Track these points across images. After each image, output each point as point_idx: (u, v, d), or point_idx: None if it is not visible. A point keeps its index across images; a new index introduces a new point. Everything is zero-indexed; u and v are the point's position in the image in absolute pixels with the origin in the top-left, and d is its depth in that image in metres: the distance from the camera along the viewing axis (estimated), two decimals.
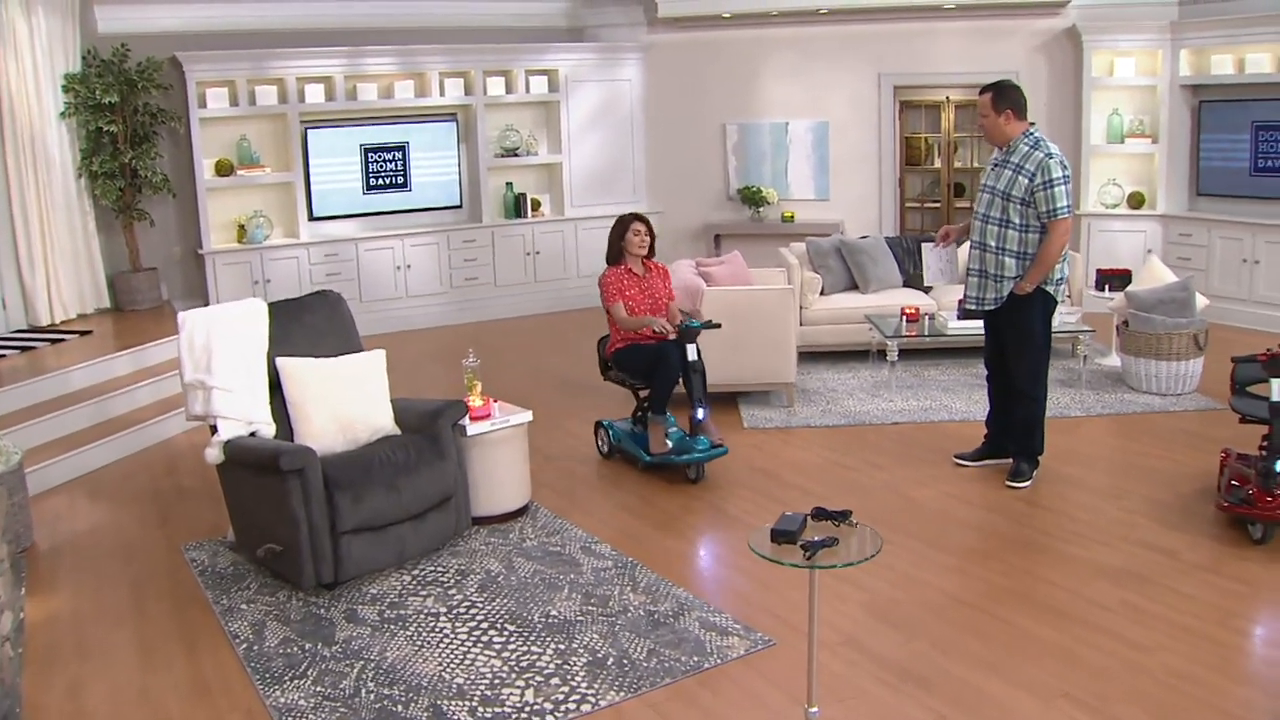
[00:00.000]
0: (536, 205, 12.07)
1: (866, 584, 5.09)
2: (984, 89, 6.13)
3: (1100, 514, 5.89)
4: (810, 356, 9.14)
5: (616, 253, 7.17)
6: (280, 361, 5.65)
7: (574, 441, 7.48)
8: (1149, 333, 7.94)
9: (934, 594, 5.04)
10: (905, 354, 8.77)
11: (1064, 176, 5.91)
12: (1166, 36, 10.60)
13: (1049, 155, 5.95)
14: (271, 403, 5.60)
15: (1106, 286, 8.85)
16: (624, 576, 5.30)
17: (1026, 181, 5.97)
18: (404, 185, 11.50)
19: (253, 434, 5.47)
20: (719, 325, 6.91)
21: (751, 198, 11.96)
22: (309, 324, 5.91)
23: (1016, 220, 6.02)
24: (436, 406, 5.70)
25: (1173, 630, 4.60)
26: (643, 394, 6.96)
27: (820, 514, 3.51)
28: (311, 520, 5.09)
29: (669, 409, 6.74)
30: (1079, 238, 11.11)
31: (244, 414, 5.47)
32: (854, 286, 9.37)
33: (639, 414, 7.00)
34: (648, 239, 7.12)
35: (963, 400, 7.98)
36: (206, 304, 10.45)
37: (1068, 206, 5.93)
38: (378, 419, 5.71)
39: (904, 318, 8.30)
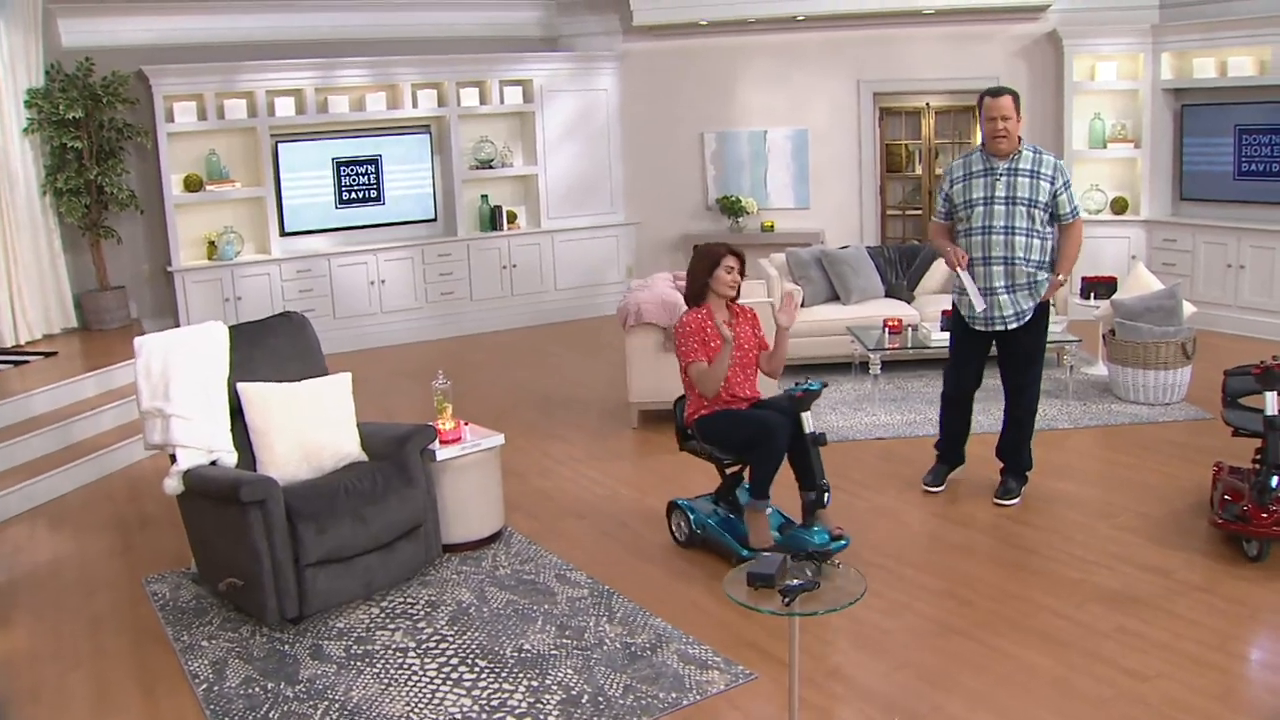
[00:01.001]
0: (512, 218, 11.88)
1: (852, 612, 4.85)
2: (999, 91, 5.88)
3: (1092, 532, 5.72)
4: (791, 370, 8.91)
5: (699, 291, 5.71)
6: (242, 387, 5.44)
7: (550, 463, 7.29)
8: (1136, 341, 7.80)
9: (923, 621, 4.86)
10: (888, 366, 8.60)
11: None
12: (1148, 40, 10.49)
13: (1054, 157, 5.99)
14: (233, 430, 5.39)
15: (1092, 294, 8.72)
16: (600, 606, 5.11)
17: (1048, 185, 5.86)
18: (377, 199, 11.30)
19: (213, 463, 5.25)
20: (825, 384, 5.70)
21: (730, 208, 11.80)
22: (272, 347, 5.71)
23: (1039, 228, 5.89)
24: (404, 431, 5.50)
25: (1170, 656, 4.43)
26: (730, 468, 5.71)
27: (801, 555, 3.33)
28: (274, 553, 4.89)
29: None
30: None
31: (204, 442, 5.25)
32: (835, 298, 9.21)
33: (726, 493, 5.73)
34: (739, 278, 5.71)
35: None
36: (177, 322, 10.31)
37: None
38: (344, 445, 5.51)
39: (886, 329, 8.13)
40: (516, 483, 6.81)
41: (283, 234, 10.88)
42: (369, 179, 11.24)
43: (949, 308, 6.43)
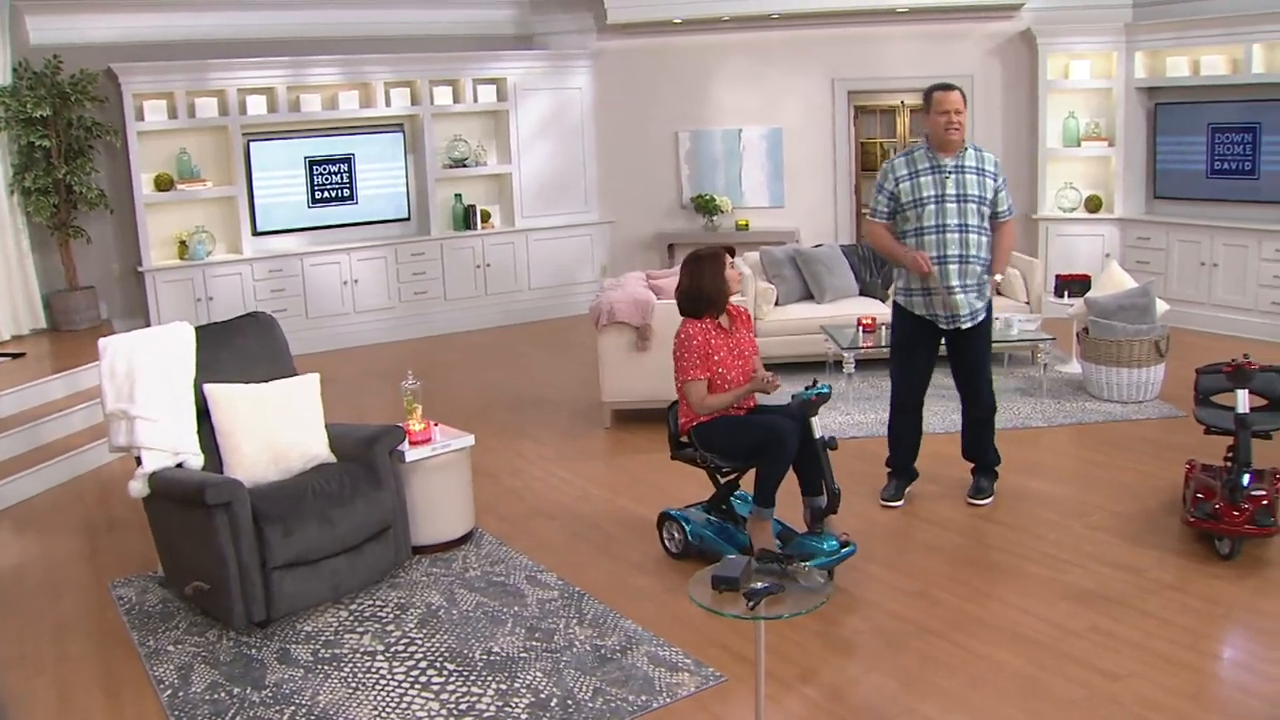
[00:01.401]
0: (486, 217, 11.81)
1: (824, 613, 4.85)
2: (946, 87, 5.80)
3: (1065, 531, 5.71)
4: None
5: (713, 299, 5.35)
6: (208, 388, 5.37)
7: (522, 463, 7.24)
8: (1110, 340, 7.80)
9: (895, 622, 4.83)
10: (862, 364, 8.57)
11: None
12: (1121, 39, 10.50)
13: (993, 155, 5.99)
14: (200, 432, 5.32)
15: (1066, 292, 8.72)
16: (570, 608, 5.07)
17: (992, 183, 5.84)
18: (350, 198, 11.22)
19: (180, 465, 5.19)
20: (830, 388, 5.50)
21: (705, 206, 11.76)
22: (239, 348, 5.64)
23: (985, 225, 5.87)
24: (373, 432, 5.45)
25: (1143, 656, 4.42)
26: (726, 475, 5.53)
27: (765, 556, 3.29)
28: (240, 556, 4.83)
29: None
30: (1036, 241, 10.99)
31: (170, 444, 5.19)
32: (809, 296, 9.18)
33: (720, 502, 5.58)
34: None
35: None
36: (148, 323, 10.19)
37: None
38: (312, 446, 5.45)
39: (860, 328, 8.10)
40: (488, 483, 6.76)
41: (255, 233, 10.79)
42: (342, 178, 11.16)
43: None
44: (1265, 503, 5.18)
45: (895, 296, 6.13)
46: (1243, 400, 5.25)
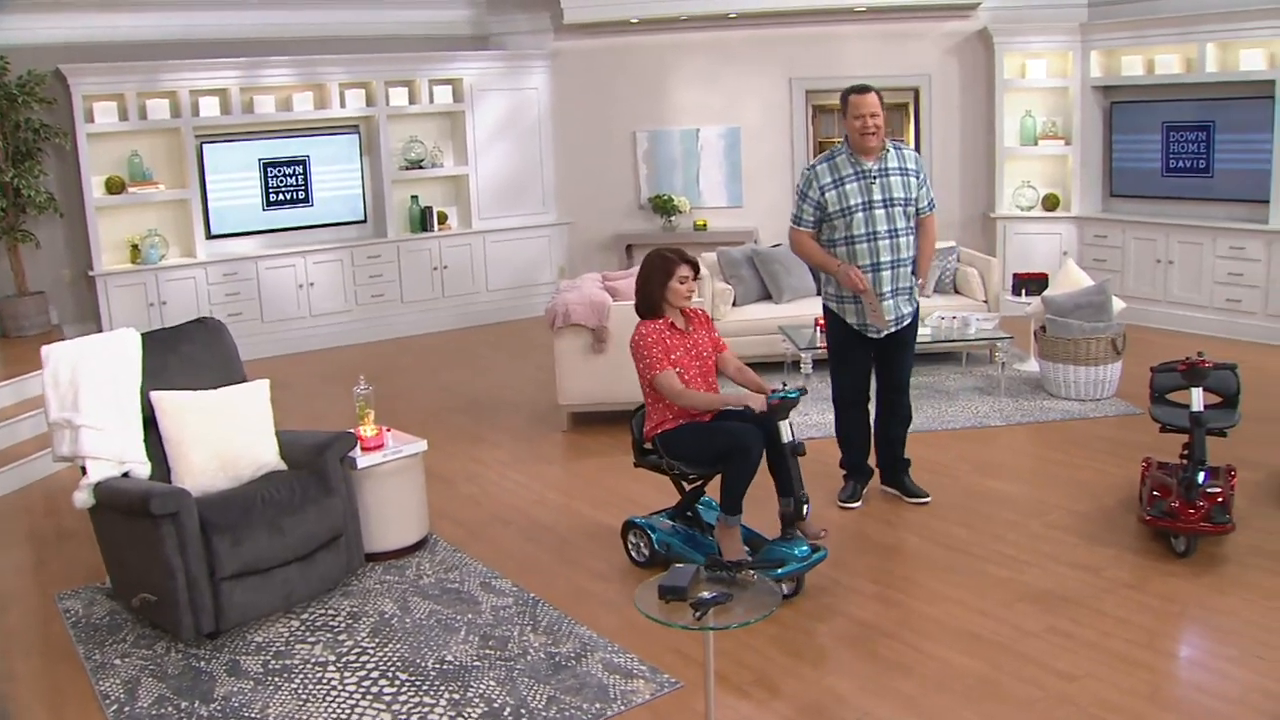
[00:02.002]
0: (443, 218, 11.72)
1: (779, 616, 4.82)
2: (865, 89, 5.71)
3: (1023, 531, 5.70)
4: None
5: (654, 304, 5.36)
6: (155, 395, 5.27)
7: (477, 467, 7.17)
8: (1067, 338, 7.81)
9: (851, 625, 4.80)
10: (820, 364, 8.52)
11: None
12: (1077, 38, 10.54)
13: (912, 150, 5.96)
14: (146, 440, 5.22)
15: (1023, 291, 8.73)
16: (524, 615, 5.00)
17: (915, 180, 5.80)
18: (305, 200, 11.10)
19: (126, 474, 5.09)
20: (804, 391, 5.59)
21: (663, 206, 11.71)
22: (187, 354, 5.54)
23: (911, 226, 5.84)
24: (324, 439, 5.36)
25: (1100, 656, 4.40)
26: (692, 482, 5.45)
27: (714, 564, 3.24)
28: (188, 567, 4.73)
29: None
30: (994, 240, 11.02)
31: (116, 453, 5.08)
32: (767, 297, 9.15)
33: (686, 509, 5.49)
34: (694, 285, 5.40)
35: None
36: (100, 328, 10.05)
37: None
38: (262, 454, 5.36)
39: (818, 328, 8.06)
40: (443, 488, 6.69)
41: (209, 236, 10.64)
42: (297, 180, 11.04)
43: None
44: (1220, 500, 5.18)
45: (826, 300, 6.06)
46: (1197, 398, 5.26)
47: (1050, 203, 10.97)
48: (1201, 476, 5.17)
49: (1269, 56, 9.27)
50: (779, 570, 4.92)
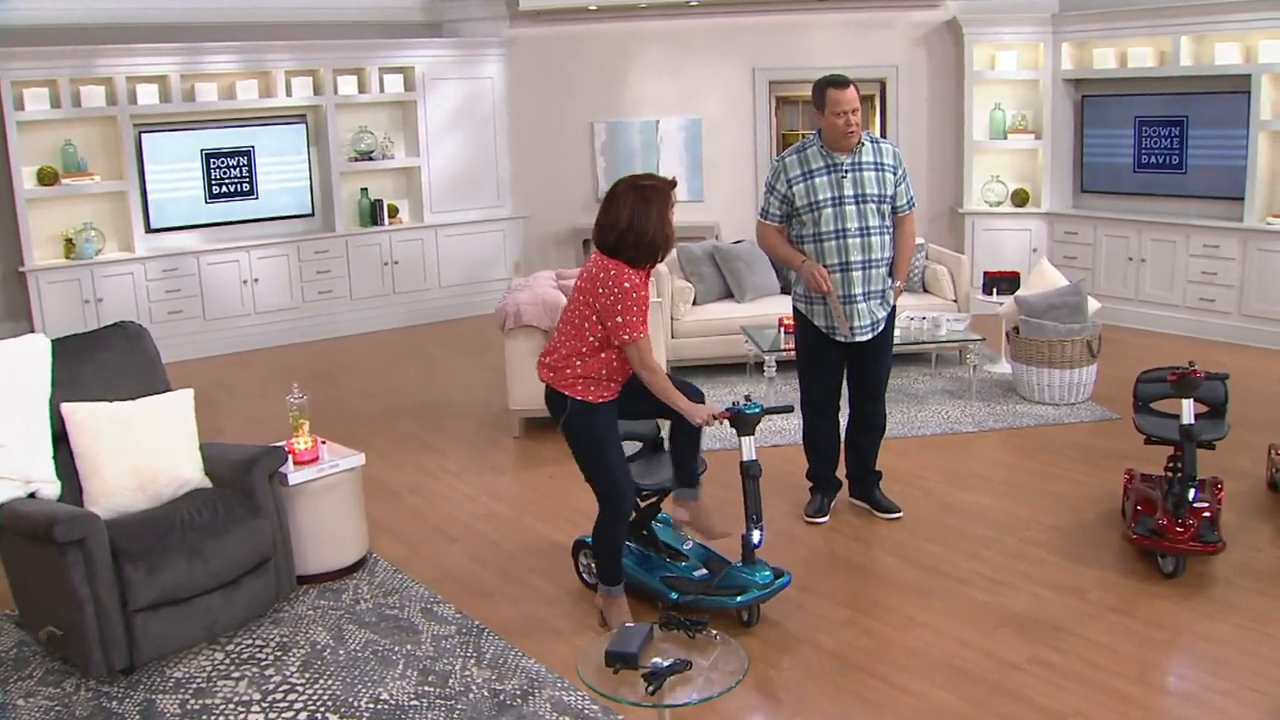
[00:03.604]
0: (394, 212, 11.29)
1: (751, 649, 4.46)
2: (844, 82, 5.32)
3: (1000, 548, 5.37)
4: (683, 371, 8.51)
5: (656, 249, 4.43)
6: (66, 408, 4.84)
7: (423, 477, 6.77)
8: (1041, 339, 7.51)
9: (822, 657, 4.45)
10: (784, 367, 8.19)
11: None
12: (1048, 30, 10.25)
13: (892, 145, 5.55)
14: (56, 457, 4.79)
15: (995, 290, 8.43)
16: (468, 646, 4.62)
17: (892, 177, 5.44)
18: (250, 193, 10.64)
19: (32, 495, 4.66)
20: (790, 408, 5.07)
21: None
22: (103, 362, 5.10)
23: (887, 224, 5.47)
24: (250, 455, 4.95)
25: (1088, 691, 4.09)
26: (646, 499, 4.95)
27: (670, 623, 2.86)
28: (97, 598, 4.32)
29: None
30: (962, 237, 10.74)
31: (20, 472, 4.65)
32: (729, 295, 8.79)
33: (641, 528, 4.98)
34: None
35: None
36: (31, 327, 9.58)
37: None
38: (184, 471, 4.94)
39: (782, 329, 7.73)
40: (387, 501, 6.31)
41: (148, 230, 10.16)
42: (241, 172, 10.58)
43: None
44: (1209, 517, 4.89)
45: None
46: (1188, 411, 4.94)
47: (1020, 198, 10.68)
48: (1192, 493, 4.86)
49: (1244, 50, 9.01)
50: (738, 599, 4.57)
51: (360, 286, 11.09)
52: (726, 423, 4.64)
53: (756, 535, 4.65)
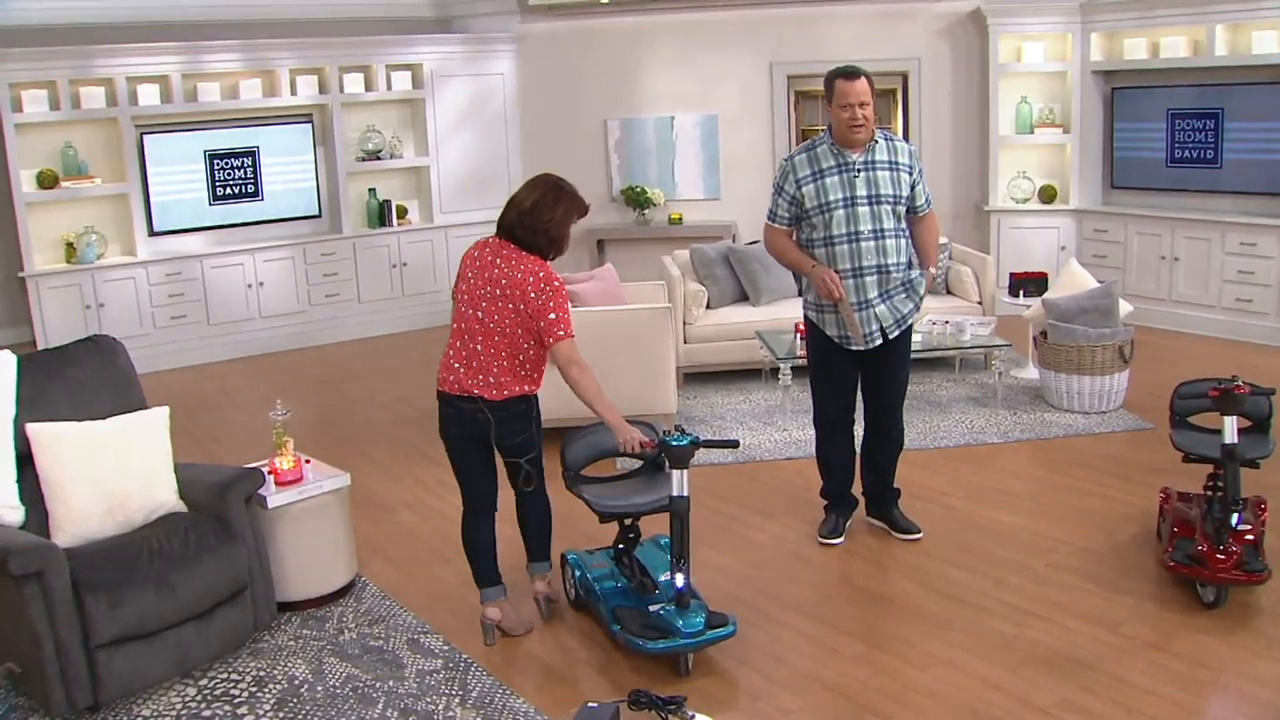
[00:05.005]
0: (403, 213, 11.02)
1: (751, 687, 4.17)
2: (854, 73, 5.01)
3: (1027, 574, 5.02)
4: (696, 378, 8.23)
5: (559, 244, 4.53)
6: (31, 428, 4.56)
7: (422, 491, 6.48)
8: (1070, 345, 7.16)
9: (832, 698, 4.12)
10: (800, 373, 7.86)
11: None
12: (1076, 19, 9.88)
13: (907, 143, 5.25)
14: (21, 480, 4.52)
15: (1021, 292, 8.08)
16: (453, 682, 4.32)
17: (907, 176, 5.12)
18: (255, 194, 10.39)
19: None
20: (736, 444, 4.70)
21: (636, 199, 11.02)
22: (73, 378, 4.82)
23: (902, 226, 5.16)
24: (225, 477, 4.66)
25: None
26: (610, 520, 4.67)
27: (640, 700, 2.55)
28: (57, 633, 4.04)
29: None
30: (988, 235, 10.38)
31: None
32: (744, 298, 8.47)
33: (624, 555, 4.72)
34: None
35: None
36: (33, 332, 9.39)
37: None
38: (157, 494, 4.66)
39: (798, 335, 7.38)
40: (381, 518, 6.03)
41: (151, 234, 9.93)
42: (246, 173, 10.33)
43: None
44: (1252, 541, 4.54)
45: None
46: (1230, 429, 4.58)
47: (1047, 195, 10.31)
48: (1235, 518, 4.51)
49: None
50: (650, 644, 4.21)
51: (368, 289, 10.83)
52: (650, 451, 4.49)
53: (680, 579, 4.31)
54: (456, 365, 4.53)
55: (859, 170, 5.03)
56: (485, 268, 4.47)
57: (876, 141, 5.07)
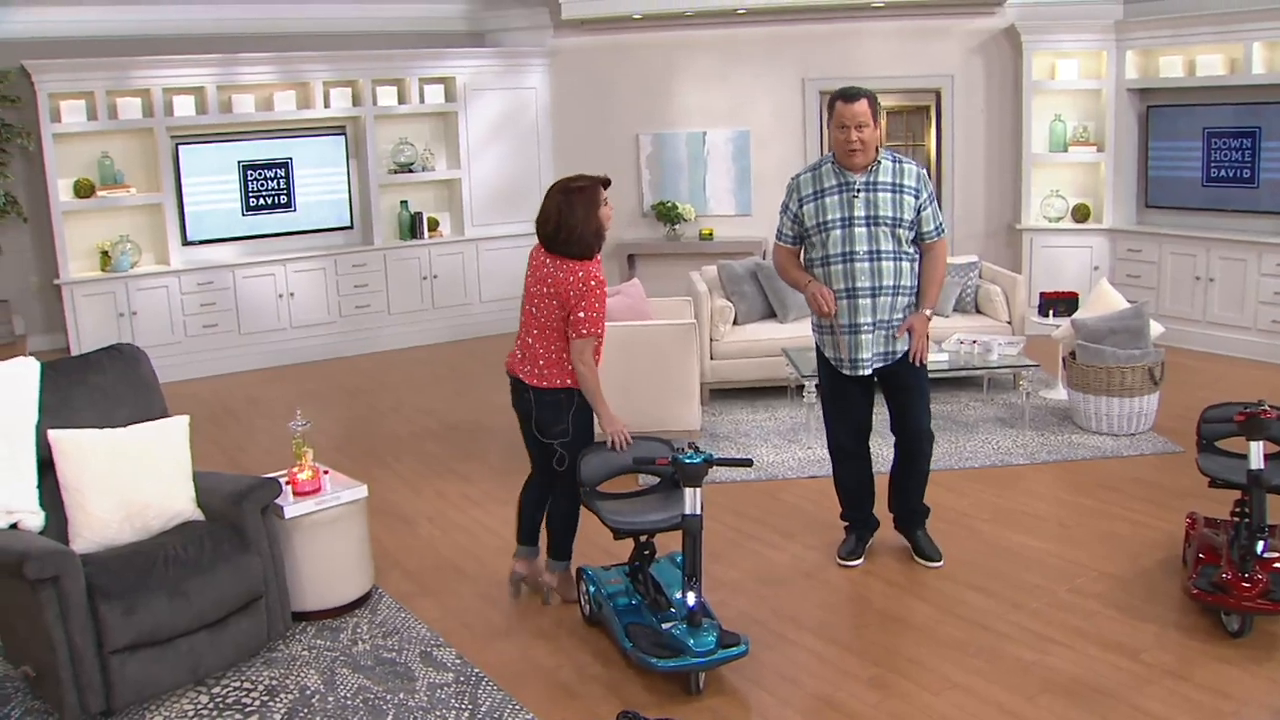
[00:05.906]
0: (434, 225, 11.06)
1: (760, 706, 4.13)
2: (853, 95, 4.95)
3: (1049, 599, 4.95)
4: (722, 395, 8.20)
5: (590, 244, 4.78)
6: (53, 435, 4.60)
7: (443, 504, 6.48)
8: (1099, 366, 7.08)
9: None
10: None
11: None
12: (1111, 37, 9.80)
13: (917, 166, 5.13)
14: (42, 486, 4.55)
15: (1051, 312, 8.00)
16: (464, 696, 4.31)
17: (913, 200, 5.02)
18: (288, 205, 10.47)
19: (14, 526, 4.43)
20: (749, 462, 4.74)
21: (667, 214, 11.02)
22: (96, 386, 4.86)
23: (907, 249, 5.07)
24: (243, 486, 4.68)
25: None
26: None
27: None
28: (71, 639, 4.06)
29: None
30: (1020, 254, 10.29)
31: (2, 501, 4.42)
32: (772, 315, 8.43)
33: (638, 571, 4.73)
34: None
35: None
36: (67, 339, 9.50)
37: None
38: (175, 502, 4.68)
39: None
40: (401, 530, 6.04)
41: (184, 243, 10.03)
42: (279, 184, 10.41)
43: (846, 359, 5.58)
44: (1279, 569, 4.45)
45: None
46: (1257, 454, 4.50)
47: (1081, 214, 10.22)
48: (1261, 546, 4.43)
49: None
50: (662, 662, 4.19)
51: (399, 301, 10.87)
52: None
53: (691, 598, 4.30)
54: (518, 352, 5.01)
55: (859, 191, 4.99)
56: (539, 267, 4.89)
57: (881, 162, 5.01)
